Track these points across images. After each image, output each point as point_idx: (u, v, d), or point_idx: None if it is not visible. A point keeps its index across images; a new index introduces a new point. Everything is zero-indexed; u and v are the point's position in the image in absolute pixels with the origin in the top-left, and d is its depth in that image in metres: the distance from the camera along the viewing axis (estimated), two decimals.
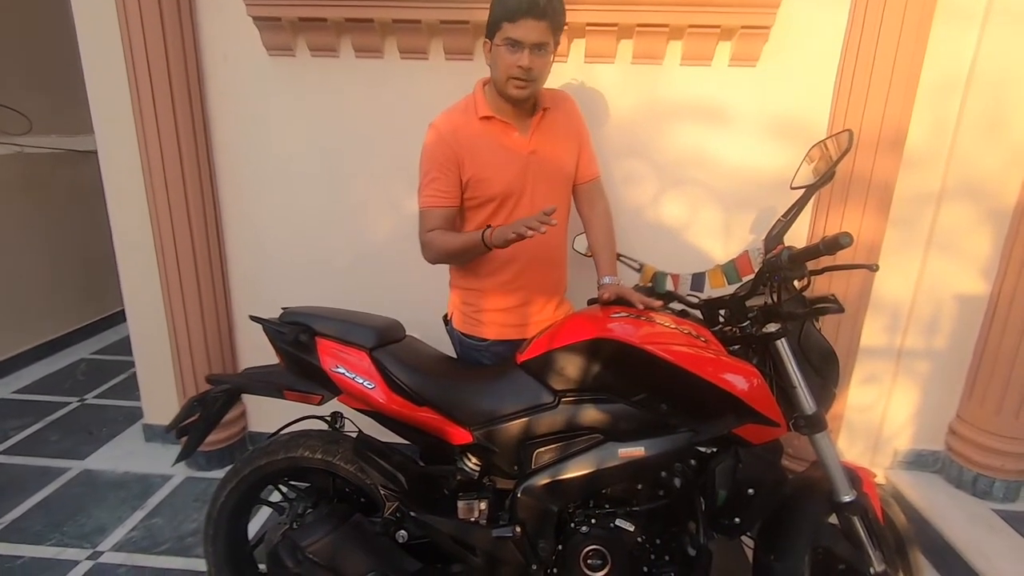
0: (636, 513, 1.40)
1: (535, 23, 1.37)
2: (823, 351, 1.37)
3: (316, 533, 1.37)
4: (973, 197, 2.06)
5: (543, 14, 1.37)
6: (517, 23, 1.37)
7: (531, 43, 1.39)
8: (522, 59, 1.40)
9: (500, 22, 1.40)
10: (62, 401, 3.02)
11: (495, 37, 1.43)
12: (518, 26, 1.37)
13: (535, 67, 1.41)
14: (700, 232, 2.17)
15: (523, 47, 1.39)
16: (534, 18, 1.37)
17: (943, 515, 2.06)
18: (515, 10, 1.36)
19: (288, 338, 1.43)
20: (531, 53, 1.40)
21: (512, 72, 1.42)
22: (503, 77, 1.44)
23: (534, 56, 1.40)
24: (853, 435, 2.35)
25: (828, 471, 1.35)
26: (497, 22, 1.41)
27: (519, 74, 1.41)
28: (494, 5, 1.42)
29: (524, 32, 1.38)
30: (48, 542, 2.02)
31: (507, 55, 1.41)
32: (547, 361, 1.37)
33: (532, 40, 1.39)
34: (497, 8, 1.41)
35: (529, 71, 1.41)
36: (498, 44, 1.42)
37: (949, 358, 2.22)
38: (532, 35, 1.38)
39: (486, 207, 1.55)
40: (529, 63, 1.40)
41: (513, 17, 1.37)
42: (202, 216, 2.21)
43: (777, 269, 1.28)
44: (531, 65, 1.40)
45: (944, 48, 1.92)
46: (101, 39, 2.11)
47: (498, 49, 1.43)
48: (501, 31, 1.40)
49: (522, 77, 1.42)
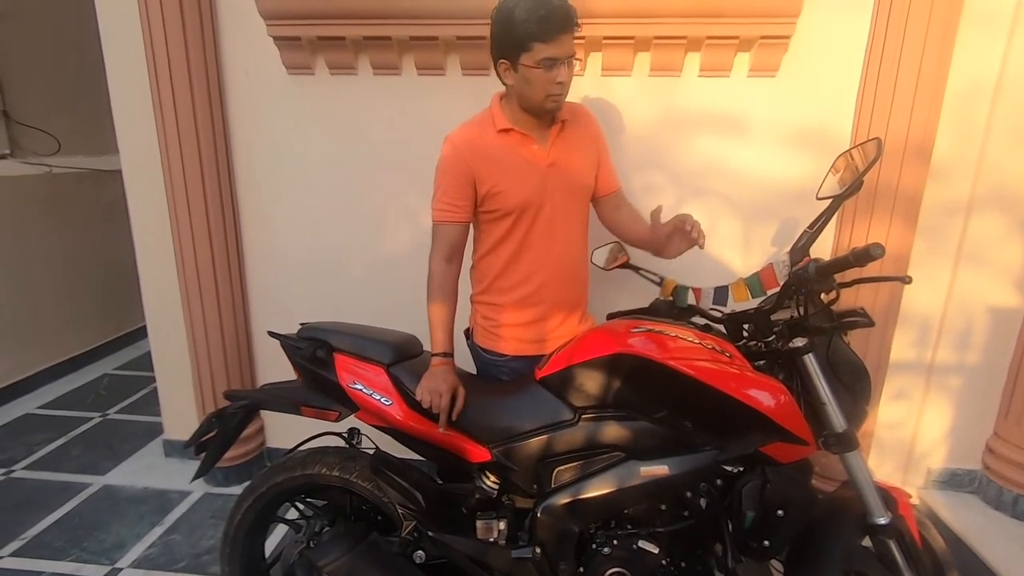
0: (660, 534, 1.36)
1: (568, 37, 1.36)
2: (853, 366, 1.33)
3: (333, 552, 1.35)
4: (1004, 206, 2.00)
5: (574, 25, 1.37)
6: (553, 41, 1.34)
7: (567, 57, 1.38)
8: (561, 74, 1.38)
9: (529, 43, 1.34)
10: (84, 416, 3.06)
11: (522, 58, 1.37)
12: (555, 44, 1.34)
13: (569, 79, 1.41)
14: (721, 244, 2.14)
15: (561, 63, 1.37)
16: (568, 32, 1.36)
17: (982, 537, 1.98)
18: (549, 29, 1.33)
19: (306, 354, 1.43)
20: (567, 67, 1.39)
21: (551, 90, 1.39)
22: (540, 96, 1.41)
23: (569, 69, 1.40)
24: (884, 453, 2.27)
25: (861, 492, 1.30)
26: (523, 43, 1.35)
27: (558, 90, 1.40)
28: (513, 26, 1.35)
29: (560, 48, 1.36)
30: (68, 558, 2.03)
31: (544, 74, 1.37)
32: (567, 377, 1.35)
33: (568, 54, 1.38)
34: (521, 29, 1.34)
35: (565, 84, 1.40)
36: (530, 66, 1.37)
37: (983, 373, 2.15)
38: (568, 49, 1.37)
39: (504, 221, 1.53)
40: (567, 76, 1.39)
41: (548, 36, 1.33)
42: (222, 232, 2.24)
43: (804, 282, 1.25)
44: (568, 78, 1.40)
45: (971, 54, 1.88)
46: (127, 60, 2.16)
47: (531, 71, 1.37)
48: (532, 52, 1.35)
49: (560, 92, 1.41)
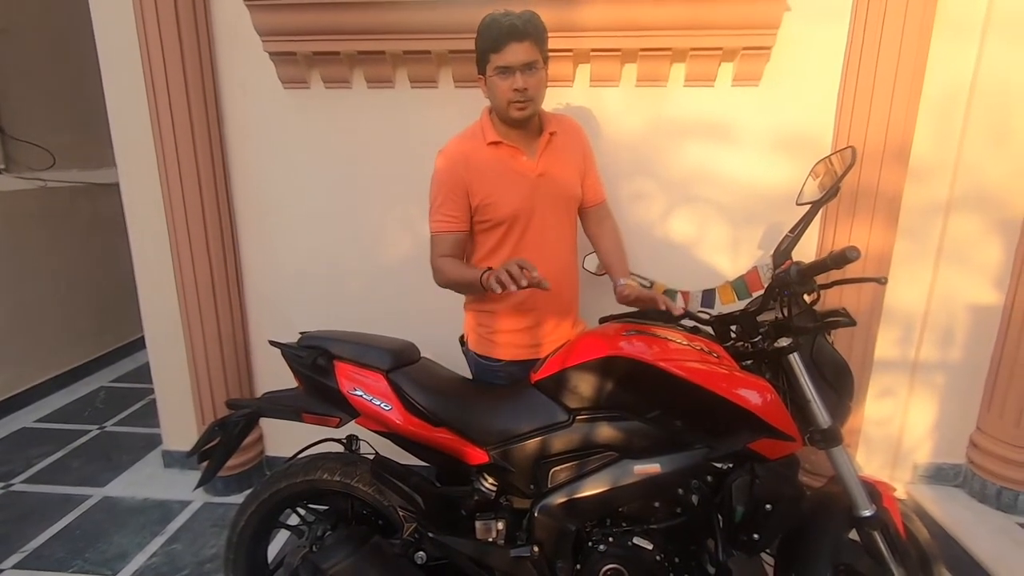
0: (654, 531, 1.39)
1: (518, 45, 1.44)
2: (836, 364, 1.38)
3: (336, 555, 1.38)
4: (982, 207, 2.07)
5: (524, 35, 1.44)
6: (502, 51, 1.44)
7: (520, 64, 1.45)
8: (516, 82, 1.46)
9: (487, 54, 1.47)
10: (82, 429, 3.06)
11: (486, 70, 1.50)
12: (504, 53, 1.44)
13: (529, 86, 1.47)
14: (709, 248, 2.19)
15: (513, 70, 1.45)
16: (516, 41, 1.43)
17: (967, 530, 2.03)
18: (497, 38, 1.44)
19: (306, 362, 1.46)
20: (523, 74, 1.46)
21: (510, 96, 1.48)
22: (503, 104, 1.50)
23: (526, 76, 1.46)
24: (871, 449, 2.32)
25: (846, 485, 1.35)
26: (484, 55, 1.48)
27: (516, 97, 1.47)
28: (478, 43, 1.49)
29: (511, 56, 1.44)
30: (70, 569, 2.04)
31: (501, 82, 1.47)
32: (561, 380, 1.38)
33: (520, 61, 1.45)
34: (480, 42, 1.48)
35: (525, 91, 1.47)
36: (491, 75, 1.49)
37: (965, 369, 2.21)
38: (519, 56, 1.45)
39: (496, 230, 1.59)
40: (523, 83, 1.46)
41: (497, 46, 1.44)
42: (220, 244, 2.27)
43: (786, 284, 1.29)
44: (525, 85, 1.46)
45: (945, 60, 1.95)
46: (124, 76, 2.20)
47: (492, 80, 1.49)
48: (490, 63, 1.47)
49: (520, 99, 1.48)
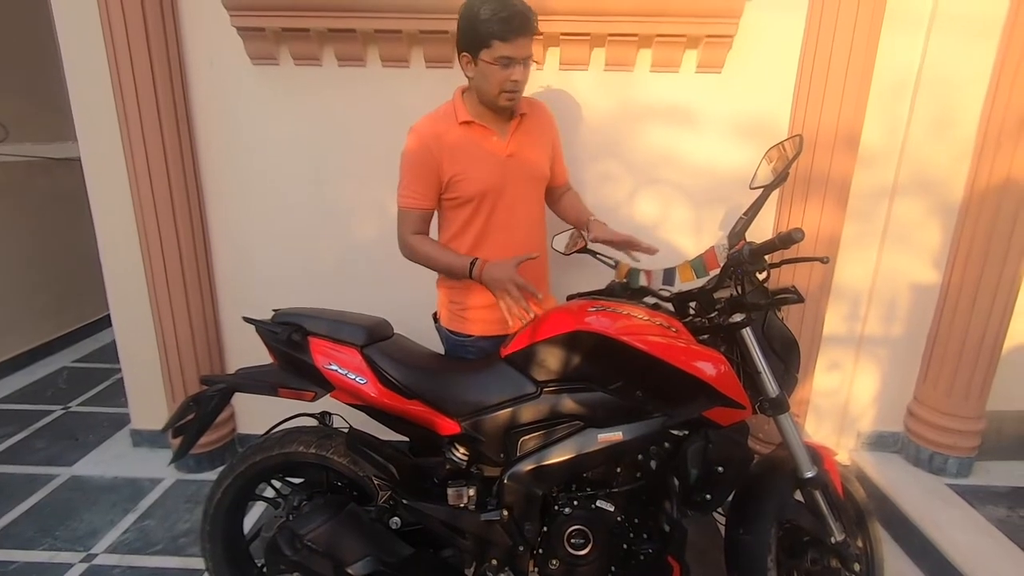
0: (615, 494, 1.48)
1: (527, 40, 1.47)
2: (785, 339, 1.48)
3: (314, 522, 1.43)
4: (924, 192, 2.20)
5: (532, 30, 1.47)
6: (512, 42, 1.44)
7: (523, 58, 1.48)
8: (515, 73, 1.48)
9: (490, 40, 1.44)
10: (46, 409, 3.02)
11: (481, 54, 1.47)
12: (513, 45, 1.45)
13: (524, 79, 1.51)
14: (672, 229, 2.28)
15: (516, 62, 1.47)
16: (526, 35, 1.46)
17: (901, 490, 2.20)
18: (508, 30, 1.43)
19: (281, 338, 1.48)
20: (523, 66, 1.49)
21: (507, 87, 1.50)
22: (494, 92, 1.51)
23: (525, 69, 1.50)
24: (820, 419, 2.48)
25: (791, 449, 1.46)
26: (485, 40, 1.45)
27: (511, 87, 1.50)
28: (477, 24, 1.44)
29: (518, 49, 1.46)
30: (41, 547, 2.04)
31: (499, 71, 1.48)
32: (529, 354, 1.44)
33: (524, 55, 1.48)
34: (483, 26, 1.44)
35: (520, 83, 1.50)
36: (488, 62, 1.47)
37: (906, 344, 2.36)
38: (525, 50, 1.48)
39: (465, 207, 1.63)
40: (521, 76, 1.49)
41: (507, 36, 1.43)
42: (188, 220, 2.24)
43: (740, 263, 1.37)
44: (522, 78, 1.50)
45: (893, 53, 2.06)
46: (84, 47, 2.13)
47: (489, 67, 1.48)
48: (491, 49, 1.45)
49: (513, 89, 1.51)
